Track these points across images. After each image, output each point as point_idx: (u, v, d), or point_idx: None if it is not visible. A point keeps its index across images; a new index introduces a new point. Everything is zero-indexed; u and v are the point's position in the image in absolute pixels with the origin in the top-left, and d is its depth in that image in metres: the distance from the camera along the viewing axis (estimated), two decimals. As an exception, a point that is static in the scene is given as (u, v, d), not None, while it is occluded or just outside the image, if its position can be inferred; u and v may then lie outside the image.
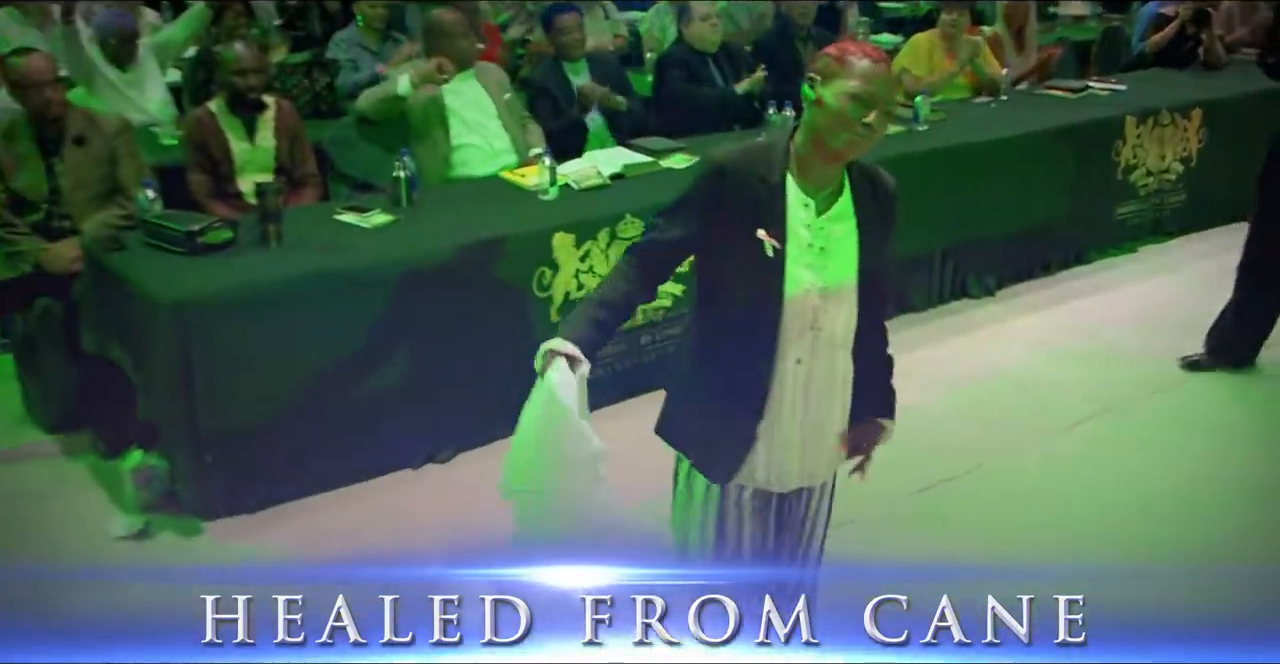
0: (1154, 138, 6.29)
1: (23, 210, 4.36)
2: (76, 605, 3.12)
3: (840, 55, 2.25)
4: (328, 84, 5.99)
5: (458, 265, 4.09)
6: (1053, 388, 4.85)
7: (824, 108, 2.24)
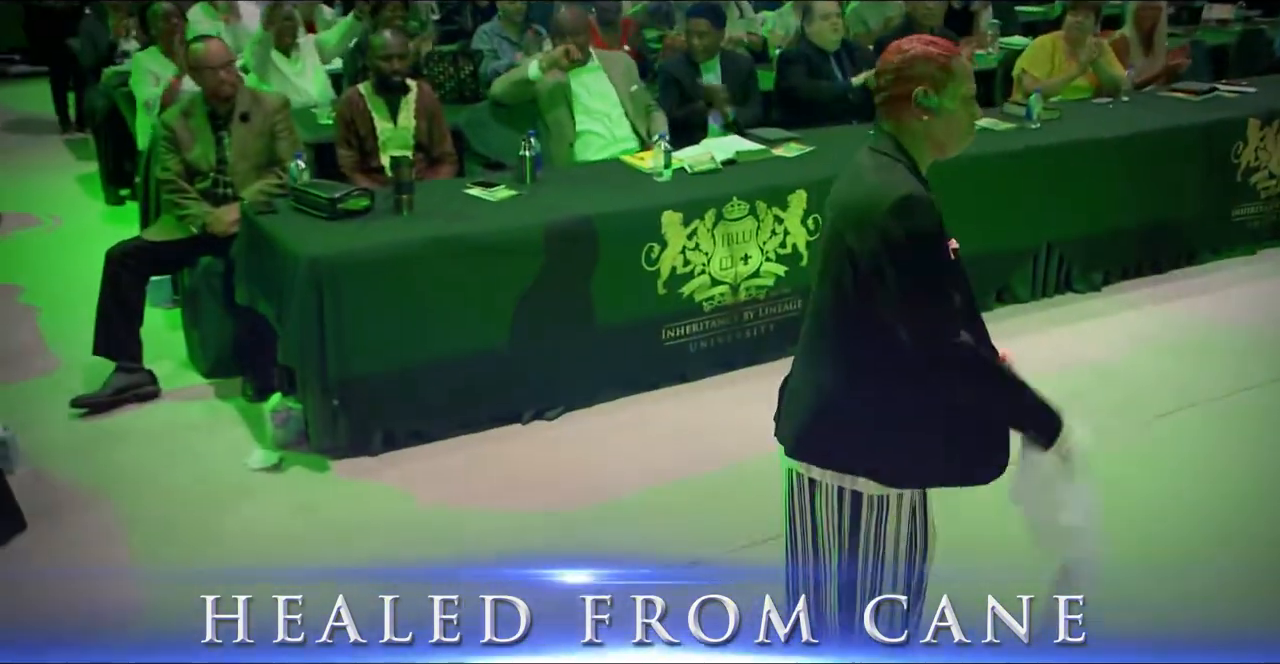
0: (1277, 141, 6.29)
1: (193, 178, 4.86)
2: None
3: (945, 60, 2.30)
4: (471, 72, 6.43)
5: (572, 237, 4.45)
6: (1143, 380, 4.97)
7: (947, 115, 2.31)
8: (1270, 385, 4.91)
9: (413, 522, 3.90)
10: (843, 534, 2.47)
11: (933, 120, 2.32)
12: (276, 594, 2.70)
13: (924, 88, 2.29)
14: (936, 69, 2.29)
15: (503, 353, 4.38)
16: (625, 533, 3.82)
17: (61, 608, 3.37)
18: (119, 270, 4.66)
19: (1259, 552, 3.70)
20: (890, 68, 2.32)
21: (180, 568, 3.59)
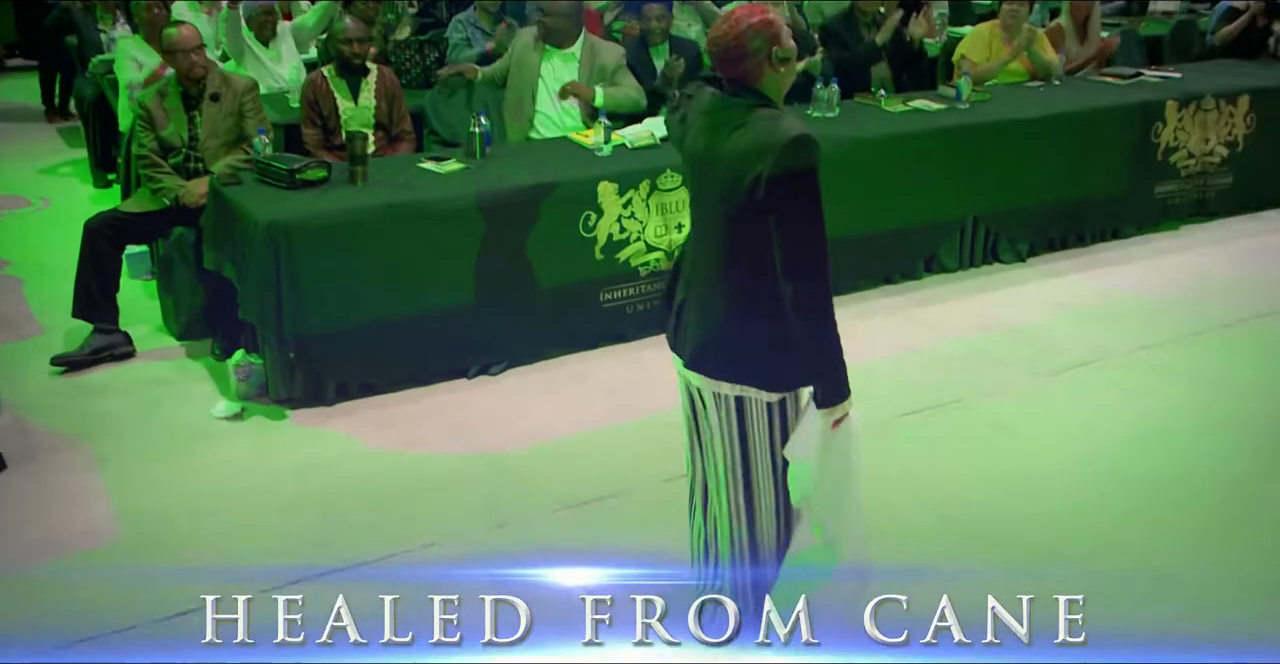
0: (1196, 122, 6.66)
1: (167, 154, 5.22)
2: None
3: (775, 20, 2.69)
4: (437, 59, 6.80)
5: (512, 205, 4.81)
6: (1053, 340, 5.33)
7: (791, 63, 2.72)
8: (1168, 344, 5.27)
9: (359, 461, 4.26)
10: (732, 436, 2.82)
11: (785, 69, 2.71)
12: (276, 594, 2.93)
13: (774, 48, 2.67)
14: (774, 29, 2.68)
15: (450, 312, 4.75)
16: (556, 469, 4.19)
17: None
18: (96, 239, 5.03)
19: (1141, 492, 4.03)
20: (732, 47, 2.69)
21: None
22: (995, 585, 2.93)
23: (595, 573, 3.09)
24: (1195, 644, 3.13)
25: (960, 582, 3.01)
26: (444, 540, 3.74)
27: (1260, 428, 4.48)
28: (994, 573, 3.42)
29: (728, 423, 2.80)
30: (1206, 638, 3.18)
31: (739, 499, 2.86)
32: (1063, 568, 3.57)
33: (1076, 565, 3.60)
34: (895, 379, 4.93)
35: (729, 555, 2.96)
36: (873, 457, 3.94)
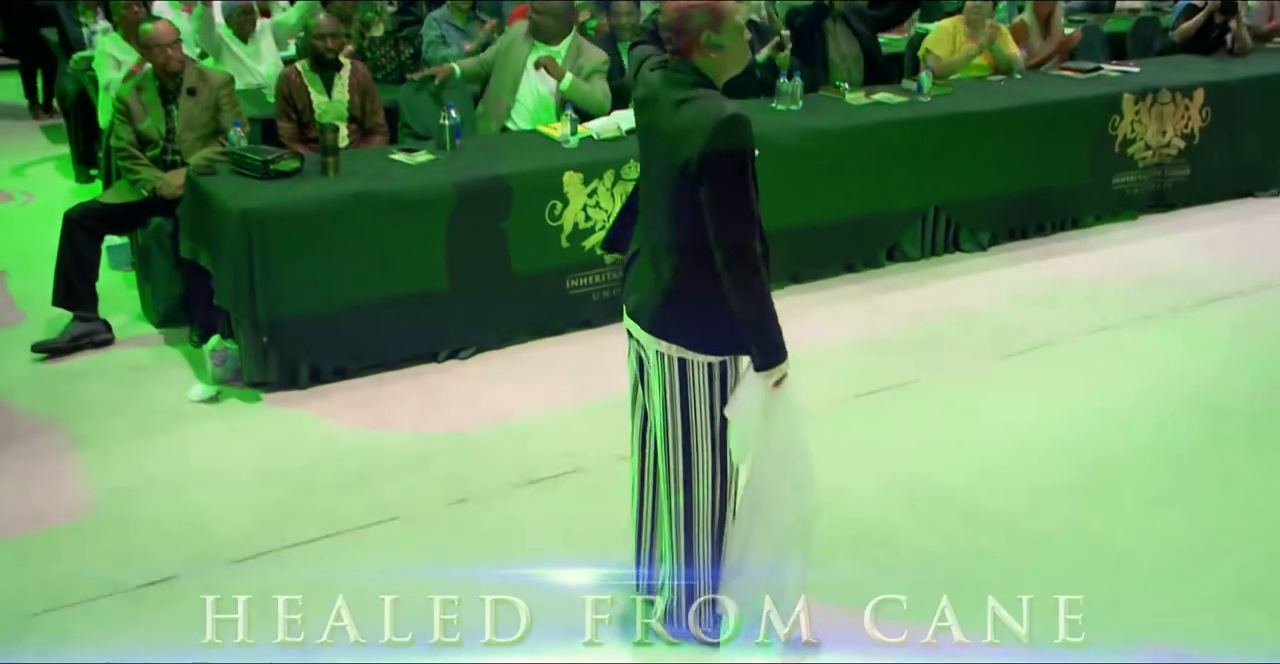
0: (1153, 114, 6.82)
1: (145, 147, 5.36)
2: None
3: (716, 6, 2.79)
4: (412, 55, 6.94)
5: (480, 195, 4.95)
6: (1006, 324, 5.49)
7: (729, 50, 2.82)
8: (1119, 328, 5.44)
9: (329, 441, 4.41)
10: (674, 396, 2.96)
11: (720, 55, 2.83)
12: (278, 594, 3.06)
13: (707, 32, 2.80)
14: (711, 15, 2.80)
15: (420, 298, 4.89)
16: (518, 447, 4.34)
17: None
18: (76, 229, 5.16)
19: (1086, 465, 4.20)
20: (674, 21, 2.83)
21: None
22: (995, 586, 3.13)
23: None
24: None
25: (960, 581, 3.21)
26: (407, 515, 3.89)
27: (1200, 405, 4.65)
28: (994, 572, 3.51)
29: (670, 383, 2.95)
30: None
31: (677, 460, 3.00)
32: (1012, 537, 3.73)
33: (1022, 533, 3.75)
34: (853, 361, 5.09)
35: (666, 526, 3.10)
36: (830, 433, 4.18)
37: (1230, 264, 6.25)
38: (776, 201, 5.54)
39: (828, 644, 3.17)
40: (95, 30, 7.88)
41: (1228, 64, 7.47)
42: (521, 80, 6.04)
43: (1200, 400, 4.69)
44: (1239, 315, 5.56)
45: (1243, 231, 6.84)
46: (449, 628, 3.06)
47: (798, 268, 5.97)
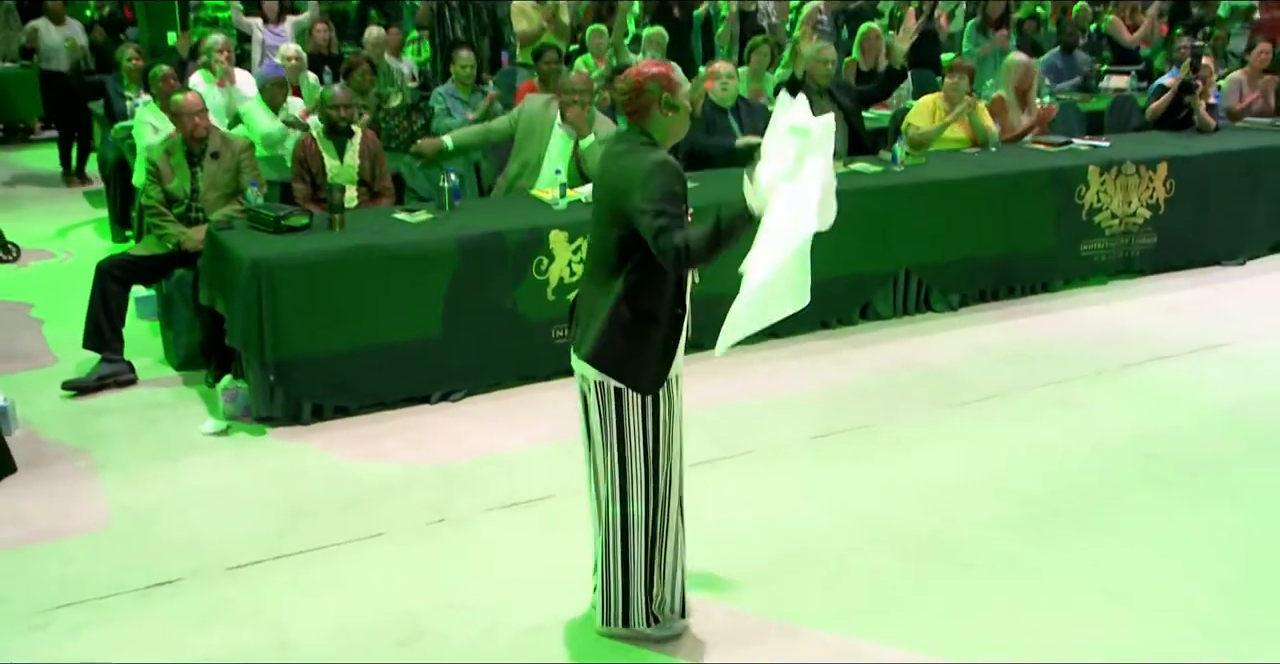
0: (1118, 185, 7.25)
1: (172, 205, 5.88)
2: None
3: (671, 74, 3.30)
4: (423, 125, 7.49)
5: (473, 250, 5.41)
6: (964, 377, 5.87)
7: (680, 111, 3.31)
8: (1069, 382, 5.80)
9: (327, 469, 4.83)
10: (611, 426, 3.36)
11: (674, 116, 3.31)
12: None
13: (665, 95, 3.28)
14: (668, 81, 3.29)
15: (416, 344, 5.34)
16: (498, 476, 4.74)
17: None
18: (106, 279, 5.66)
19: (1017, 502, 4.53)
20: (635, 85, 3.29)
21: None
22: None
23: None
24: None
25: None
26: (391, 532, 4.30)
27: (1132, 451, 5.00)
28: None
29: (605, 410, 3.36)
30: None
31: (613, 479, 3.39)
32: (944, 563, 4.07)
33: (953, 560, 4.10)
34: (814, 407, 5.49)
35: (601, 535, 3.49)
36: (788, 470, 4.59)
37: (1185, 326, 6.62)
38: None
39: (768, 654, 3.53)
40: (138, 102, 8.49)
41: (1192, 140, 7.91)
42: (549, 148, 6.47)
43: (1134, 447, 5.04)
44: (1183, 372, 5.92)
45: (1203, 296, 7.22)
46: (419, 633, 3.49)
47: (775, 325, 6.33)
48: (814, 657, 3.52)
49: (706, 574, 3.92)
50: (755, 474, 4.81)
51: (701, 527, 3.86)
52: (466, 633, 3.65)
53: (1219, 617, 3.75)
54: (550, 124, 6.47)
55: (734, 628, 3.69)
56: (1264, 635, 3.65)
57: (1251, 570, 4.04)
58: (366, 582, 3.96)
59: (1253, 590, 3.91)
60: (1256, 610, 3.79)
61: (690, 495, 3.62)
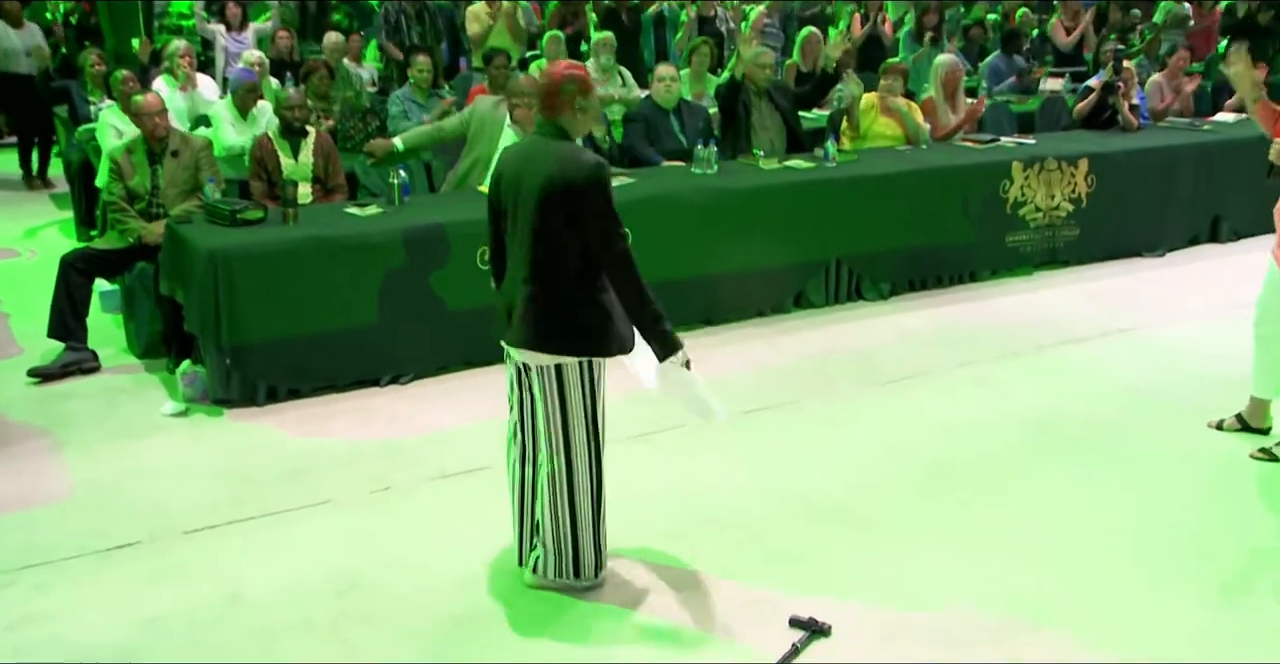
0: (1041, 180, 7.63)
1: (133, 201, 6.17)
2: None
3: (584, 75, 3.66)
4: (378, 126, 7.80)
5: (419, 241, 5.72)
6: (888, 360, 6.22)
7: (591, 109, 3.67)
8: (986, 362, 6.17)
9: (279, 446, 5.12)
10: (553, 399, 3.69)
11: (583, 116, 3.66)
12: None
13: (579, 98, 3.62)
14: (581, 82, 3.62)
15: (365, 330, 5.64)
16: (439, 450, 5.05)
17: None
18: (71, 271, 5.95)
19: (929, 469, 4.86)
20: (554, 83, 3.62)
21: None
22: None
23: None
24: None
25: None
26: (338, 500, 4.60)
27: (1031, 422, 5.35)
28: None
29: (549, 387, 3.67)
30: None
31: (559, 448, 3.71)
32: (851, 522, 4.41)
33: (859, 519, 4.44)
34: (744, 386, 5.82)
35: (547, 498, 3.79)
36: (718, 442, 4.90)
37: (1101, 312, 7.00)
38: (692, 253, 6.43)
39: (683, 600, 3.85)
40: (101, 106, 8.77)
41: (1114, 138, 8.31)
42: (496, 154, 6.77)
43: (1037, 419, 5.40)
44: (1091, 353, 6.29)
45: (1122, 285, 7.60)
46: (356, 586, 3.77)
47: (711, 312, 6.73)
48: (726, 603, 3.84)
49: (630, 534, 4.23)
50: (683, 446, 5.13)
51: (628, 493, 4.18)
52: (400, 585, 3.95)
53: (1109, 562, 4.10)
54: (500, 124, 6.80)
55: (654, 579, 4.00)
56: (1150, 576, 4.00)
57: (1139, 523, 4.39)
58: (312, 543, 4.27)
59: (1139, 541, 4.27)
60: (1145, 556, 4.15)
61: (620, 465, 3.98)
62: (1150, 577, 4.02)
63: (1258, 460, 4.94)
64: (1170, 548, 4.22)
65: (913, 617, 3.77)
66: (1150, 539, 4.28)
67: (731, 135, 7.76)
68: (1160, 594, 3.91)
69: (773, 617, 3.74)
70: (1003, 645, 3.61)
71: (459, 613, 3.80)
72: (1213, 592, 3.93)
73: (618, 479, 4.01)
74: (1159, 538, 4.29)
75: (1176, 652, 3.58)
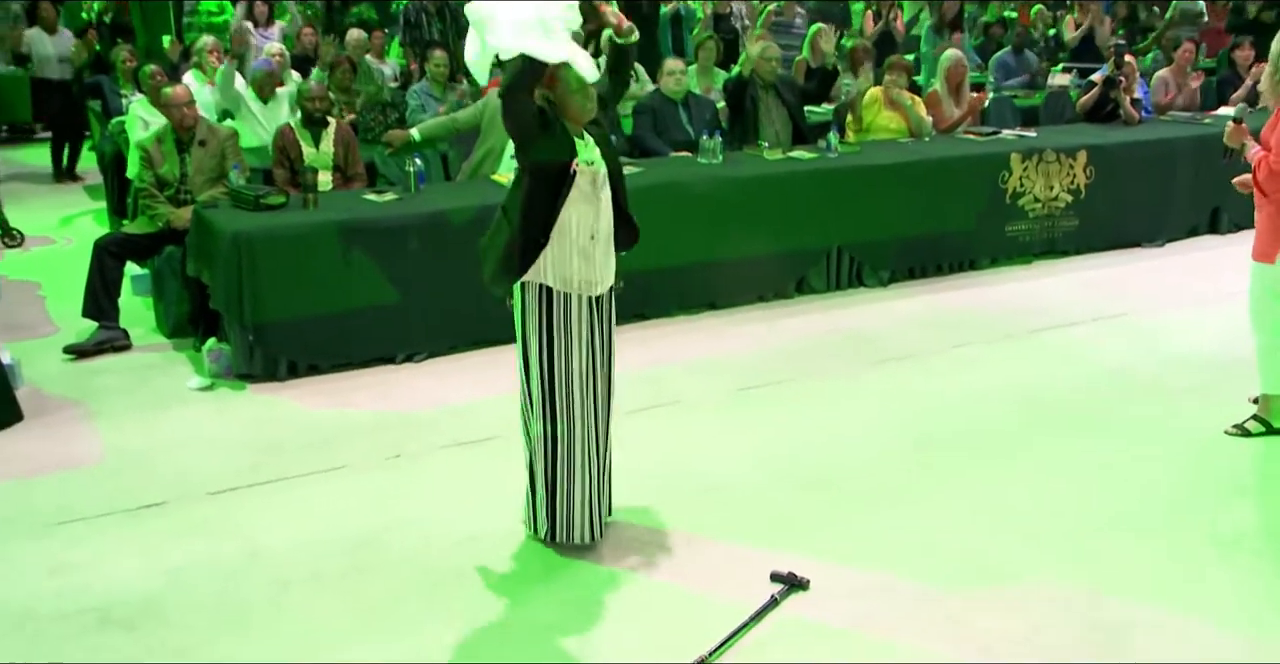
0: (1040, 171, 7.84)
1: (162, 188, 6.48)
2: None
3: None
4: (398, 119, 8.09)
5: (434, 226, 6.00)
6: (885, 341, 6.45)
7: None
8: (977, 344, 6.39)
9: (299, 418, 5.41)
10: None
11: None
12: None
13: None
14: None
15: (382, 309, 5.93)
16: (452, 421, 5.33)
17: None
18: (104, 253, 6.26)
19: (909, 443, 5.08)
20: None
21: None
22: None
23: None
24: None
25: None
26: (353, 465, 4.89)
27: (1018, 400, 5.58)
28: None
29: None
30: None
31: (527, 406, 4.04)
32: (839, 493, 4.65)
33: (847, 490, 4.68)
34: (742, 365, 6.07)
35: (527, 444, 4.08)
36: (708, 417, 5.18)
37: (1096, 298, 7.21)
38: (697, 240, 6.68)
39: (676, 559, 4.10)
40: (131, 100, 9.10)
41: (1114, 131, 8.50)
42: (506, 148, 7.06)
43: (1025, 396, 5.62)
44: (1082, 337, 6.51)
45: (1119, 274, 7.80)
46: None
47: (715, 297, 6.98)
48: (711, 561, 4.09)
49: (625, 498, 4.47)
50: (680, 420, 5.39)
51: (624, 463, 4.42)
52: (408, 543, 4.23)
53: (1082, 528, 4.33)
54: None
55: (645, 541, 4.25)
56: (1122, 541, 4.23)
57: (1117, 493, 4.62)
58: (326, 505, 4.55)
59: (1115, 509, 4.50)
60: (1119, 522, 4.38)
61: (618, 438, 4.21)
62: (1122, 542, 4.24)
63: (1232, 436, 5.14)
64: (1144, 515, 4.44)
65: (887, 576, 4.00)
66: (1125, 508, 4.50)
67: (739, 128, 8.02)
68: (1131, 557, 4.12)
69: (754, 573, 3.99)
70: (970, 601, 3.84)
71: (461, 568, 4.07)
72: (1183, 554, 4.14)
73: (615, 450, 4.25)
74: (1134, 507, 4.51)
75: (1141, 607, 3.80)
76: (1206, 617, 3.74)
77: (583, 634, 3.68)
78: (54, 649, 3.59)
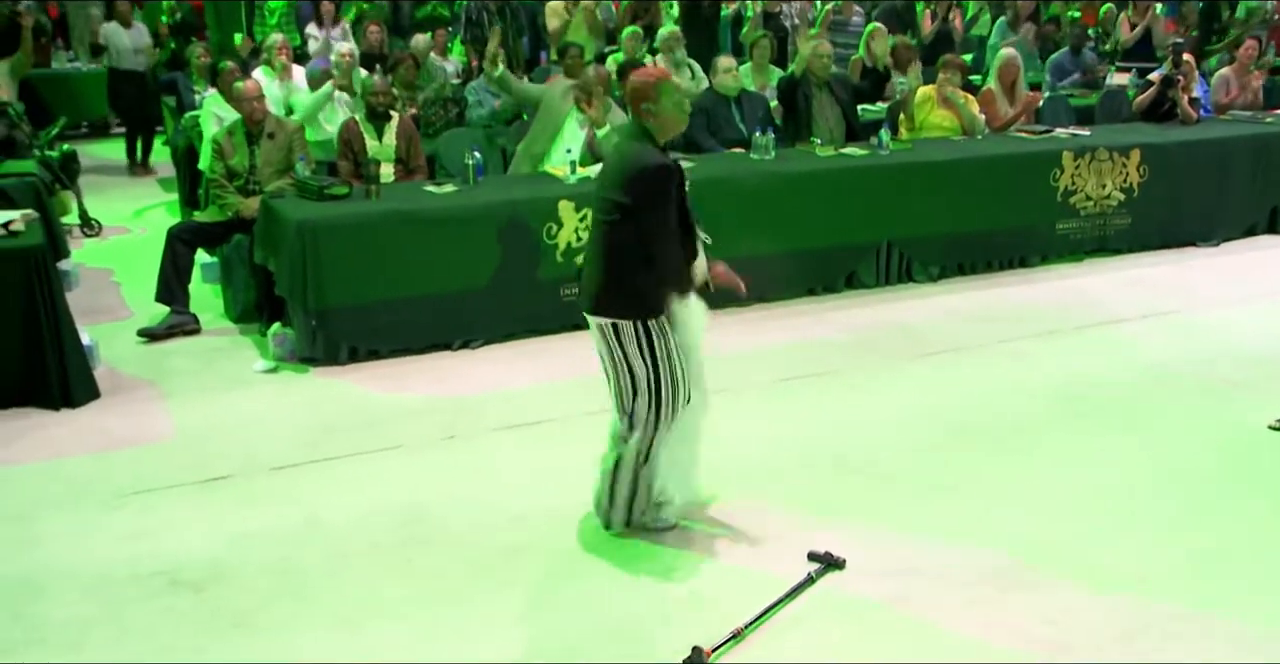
0: (1092, 169, 7.89)
1: (232, 178, 6.73)
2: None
3: (654, 83, 3.95)
4: (458, 114, 8.32)
5: (491, 217, 6.20)
6: (931, 335, 6.55)
7: (663, 115, 3.93)
8: (1024, 339, 6.47)
9: (357, 399, 5.63)
10: (617, 356, 4.08)
11: (654, 122, 4.00)
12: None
13: (646, 103, 3.97)
14: (650, 89, 3.96)
15: (440, 297, 6.13)
16: (505, 405, 5.52)
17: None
18: (176, 241, 6.52)
19: (946, 433, 5.18)
20: (630, 88, 4.03)
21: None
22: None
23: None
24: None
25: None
26: (408, 445, 5.09)
27: (1065, 394, 5.66)
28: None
29: (611, 347, 4.07)
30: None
31: (628, 398, 4.11)
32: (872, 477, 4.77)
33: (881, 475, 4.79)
34: (787, 356, 6.20)
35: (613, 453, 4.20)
36: (757, 404, 5.30)
37: (1145, 296, 7.25)
38: (748, 233, 6.82)
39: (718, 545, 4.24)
40: (205, 95, 9.39)
41: (1169, 130, 8.52)
42: (558, 137, 7.25)
43: (1065, 390, 5.71)
44: (1128, 333, 6.57)
45: (1171, 273, 7.83)
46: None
47: (764, 290, 7.10)
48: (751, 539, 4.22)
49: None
50: (725, 407, 5.43)
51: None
52: (461, 519, 4.42)
53: (1115, 515, 4.43)
54: (564, 109, 7.24)
55: (689, 520, 4.39)
56: (1155, 530, 4.33)
57: (1152, 482, 4.71)
58: (383, 481, 4.75)
59: (1149, 497, 4.59)
60: (1152, 511, 4.47)
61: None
62: (1154, 530, 4.32)
63: (1274, 430, 5.19)
64: (1177, 504, 4.52)
65: (921, 558, 4.12)
66: (1160, 496, 4.59)
67: (792, 125, 8.14)
68: (1162, 545, 4.21)
69: (791, 551, 4.13)
70: (1000, 584, 3.95)
71: (510, 543, 4.24)
72: (1214, 546, 4.22)
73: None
74: (1168, 495, 4.59)
75: (1167, 596, 3.89)
76: (1245, 616, 3.81)
77: (626, 607, 3.84)
78: (127, 608, 3.81)
